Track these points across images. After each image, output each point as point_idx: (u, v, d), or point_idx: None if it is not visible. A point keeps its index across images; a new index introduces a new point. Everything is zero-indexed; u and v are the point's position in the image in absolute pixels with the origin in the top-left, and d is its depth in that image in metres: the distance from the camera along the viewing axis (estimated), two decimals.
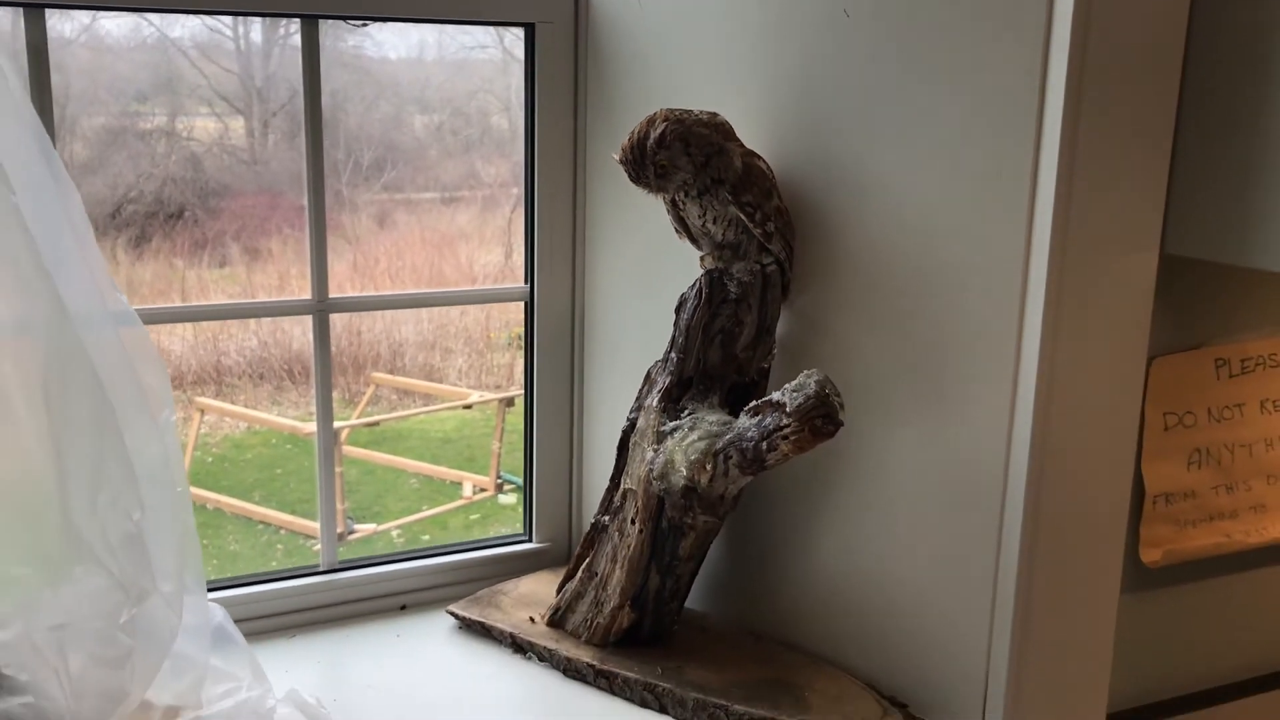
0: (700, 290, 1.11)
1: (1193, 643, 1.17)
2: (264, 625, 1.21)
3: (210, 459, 5.58)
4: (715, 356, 1.12)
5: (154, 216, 6.44)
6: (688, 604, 1.21)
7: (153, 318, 1.11)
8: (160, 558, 0.96)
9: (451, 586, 1.29)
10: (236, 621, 1.08)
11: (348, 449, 5.28)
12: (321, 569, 1.27)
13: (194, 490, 5.33)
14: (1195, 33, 0.97)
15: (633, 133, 1.06)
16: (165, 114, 6.77)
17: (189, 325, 5.81)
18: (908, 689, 1.09)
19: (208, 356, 6.25)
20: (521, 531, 1.37)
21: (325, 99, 1.17)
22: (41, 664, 0.87)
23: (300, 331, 6.11)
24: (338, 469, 5.11)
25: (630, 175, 1.06)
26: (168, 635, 0.95)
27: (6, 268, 0.90)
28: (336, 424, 5.34)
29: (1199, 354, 1.10)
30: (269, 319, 5.74)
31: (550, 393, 1.34)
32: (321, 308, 1.23)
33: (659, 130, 1.04)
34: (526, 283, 1.32)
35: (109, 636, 0.89)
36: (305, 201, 1.20)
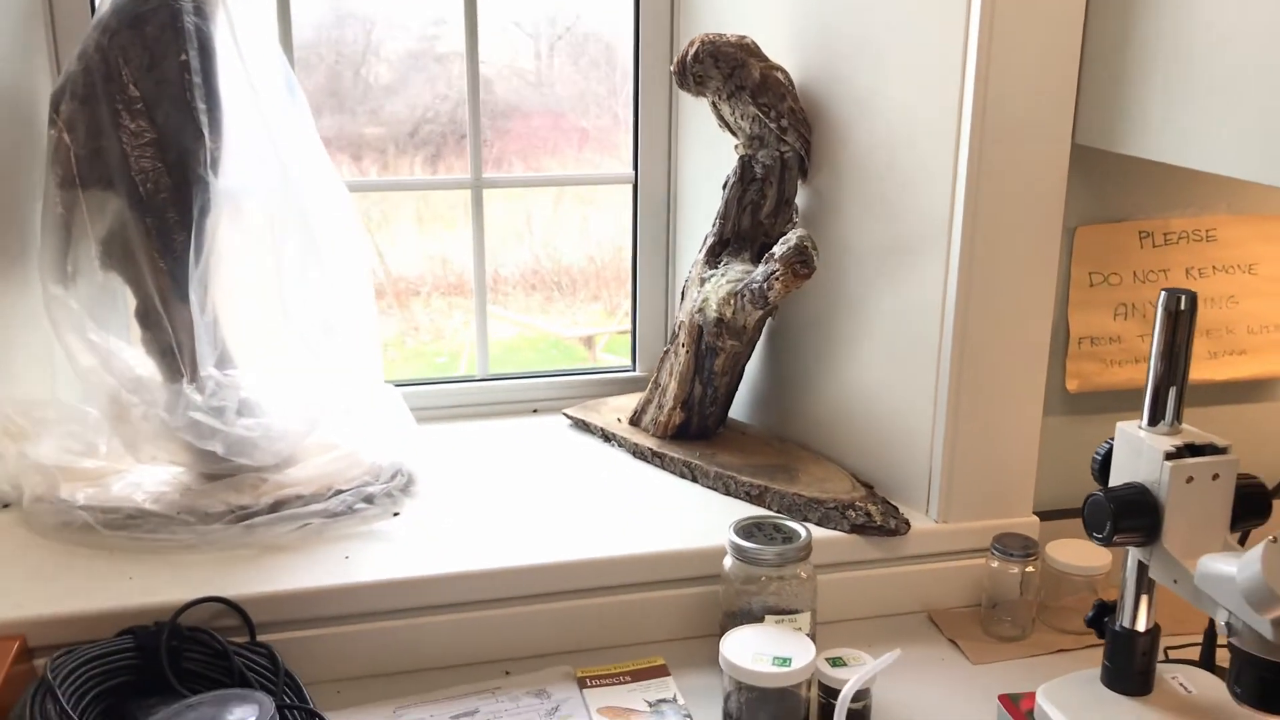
0: (736, 171, 1.55)
1: None
2: (431, 414, 1.74)
3: None
4: (746, 222, 1.56)
5: (447, 136, 7.16)
6: (737, 417, 1.67)
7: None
8: (349, 351, 1.50)
9: (571, 399, 1.80)
10: (412, 410, 1.60)
11: (602, 355, 5.85)
12: (477, 377, 1.80)
13: None
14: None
15: (680, 52, 1.50)
16: (460, 37, 7.35)
17: (469, 241, 6.52)
18: (878, 478, 1.50)
19: (486, 267, 6.94)
20: (629, 363, 1.86)
21: (596, 22, 1.63)
22: (266, 396, 1.43)
23: (569, 248, 6.73)
24: None
25: (678, 83, 1.51)
26: (347, 394, 1.50)
27: (251, 148, 1.45)
28: (593, 330, 5.96)
29: (1123, 225, 1.43)
30: (540, 235, 6.38)
31: (649, 256, 1.81)
32: (477, 184, 1.75)
33: (694, 49, 1.48)
34: (633, 170, 1.79)
35: (308, 386, 1.45)
36: (465, 97, 1.70)
